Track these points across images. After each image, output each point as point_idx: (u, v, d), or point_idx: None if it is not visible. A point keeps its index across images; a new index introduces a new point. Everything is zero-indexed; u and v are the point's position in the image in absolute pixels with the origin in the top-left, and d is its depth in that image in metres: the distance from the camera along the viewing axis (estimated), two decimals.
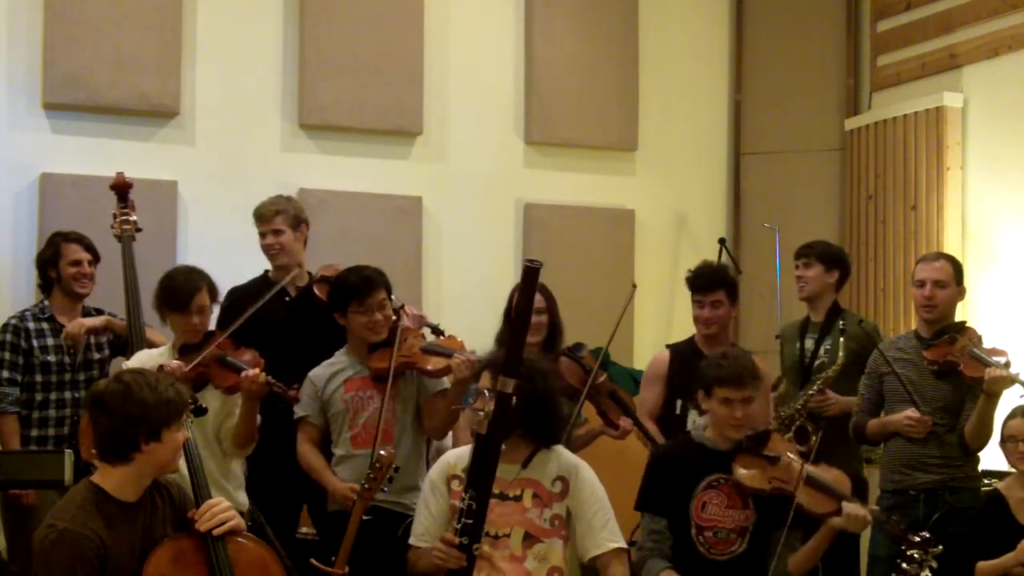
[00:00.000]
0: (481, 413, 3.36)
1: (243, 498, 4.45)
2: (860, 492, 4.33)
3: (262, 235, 5.03)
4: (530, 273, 3.29)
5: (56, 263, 4.99)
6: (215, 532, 3.25)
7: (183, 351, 4.31)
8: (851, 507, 3.81)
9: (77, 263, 4.99)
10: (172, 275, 4.43)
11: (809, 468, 3.92)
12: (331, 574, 3.88)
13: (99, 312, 5.10)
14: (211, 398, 4.32)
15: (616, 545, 3.73)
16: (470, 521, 3.35)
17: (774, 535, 3.90)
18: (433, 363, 4.43)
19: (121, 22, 5.94)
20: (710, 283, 4.99)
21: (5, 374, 4.83)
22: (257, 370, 4.16)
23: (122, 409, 3.10)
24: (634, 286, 4.88)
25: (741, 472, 3.90)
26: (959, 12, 6.45)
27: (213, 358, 4.27)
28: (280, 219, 5.00)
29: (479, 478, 3.36)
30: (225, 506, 3.32)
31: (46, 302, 5.03)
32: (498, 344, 4.83)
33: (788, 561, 3.87)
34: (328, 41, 6.35)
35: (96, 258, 5.06)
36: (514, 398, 3.29)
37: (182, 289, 4.32)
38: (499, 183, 6.74)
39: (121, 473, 3.15)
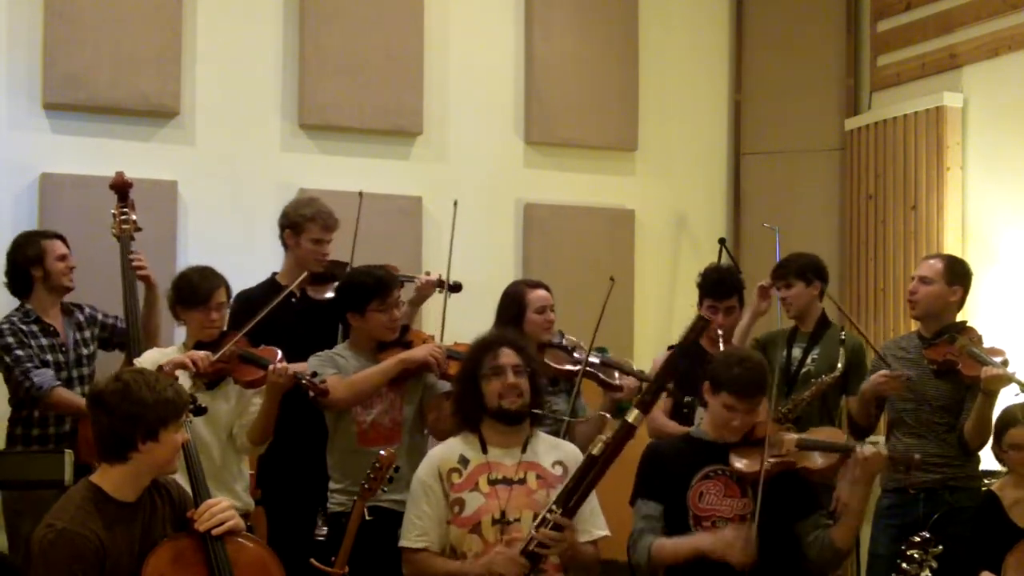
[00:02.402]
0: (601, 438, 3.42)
1: (248, 499, 4.46)
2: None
3: (317, 241, 5.04)
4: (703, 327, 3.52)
5: (42, 261, 4.95)
6: (214, 532, 3.25)
7: (197, 349, 4.33)
8: (863, 449, 3.84)
9: (64, 257, 4.97)
10: (188, 275, 4.47)
11: (800, 435, 3.99)
12: (331, 574, 3.88)
13: (78, 308, 5.08)
14: (227, 395, 4.35)
15: (601, 534, 3.83)
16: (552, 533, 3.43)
17: (800, 526, 3.92)
18: (456, 368, 4.47)
19: (121, 22, 5.94)
20: (728, 289, 5.00)
21: (29, 364, 4.78)
22: (284, 363, 4.18)
23: (120, 408, 3.11)
24: (612, 280, 4.87)
25: (740, 464, 3.92)
26: (959, 12, 6.44)
27: (234, 354, 4.28)
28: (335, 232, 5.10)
29: (573, 496, 3.43)
30: (224, 506, 3.33)
31: (28, 305, 4.95)
32: None
33: (829, 537, 3.87)
34: (328, 41, 6.35)
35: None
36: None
37: (200, 286, 4.38)
38: (499, 183, 6.74)
39: (119, 473, 3.16)
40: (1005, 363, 4.52)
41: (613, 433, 3.38)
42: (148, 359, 4.36)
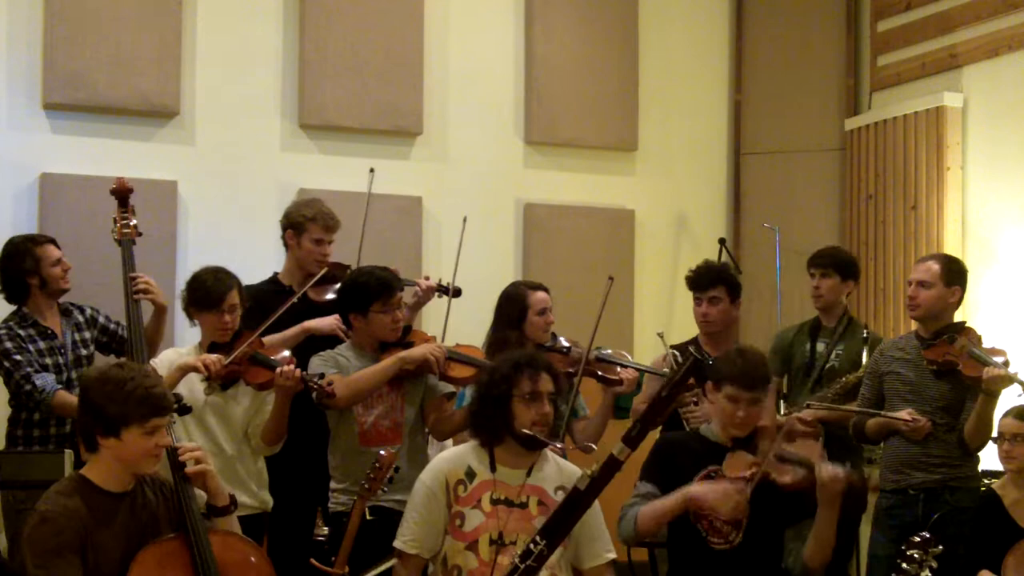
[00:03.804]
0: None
1: (266, 496, 4.47)
2: (858, 496, 4.33)
3: (318, 242, 5.07)
4: (695, 364, 3.41)
5: (38, 271, 4.90)
6: (188, 470, 3.31)
7: (211, 351, 4.35)
8: (824, 469, 3.78)
9: (59, 261, 4.94)
10: (201, 276, 4.46)
11: (781, 447, 3.96)
12: (331, 574, 3.89)
13: (78, 308, 5.06)
14: (241, 396, 4.36)
15: (611, 556, 3.78)
16: (534, 565, 3.38)
17: (788, 532, 3.92)
18: (457, 370, 4.50)
19: (121, 22, 5.95)
20: (707, 281, 5.04)
21: (30, 369, 4.75)
22: (292, 366, 4.20)
23: (88, 397, 3.16)
24: (611, 279, 4.87)
25: (726, 464, 3.93)
26: (959, 12, 6.45)
27: (245, 356, 4.30)
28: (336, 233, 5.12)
29: (558, 529, 3.41)
30: (198, 447, 3.44)
31: (25, 309, 4.91)
32: (489, 347, 4.84)
33: (803, 552, 3.86)
34: (328, 41, 6.35)
35: None
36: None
37: (213, 288, 4.37)
38: (499, 183, 6.74)
39: (99, 462, 3.20)
40: (1006, 364, 4.52)
41: (599, 467, 3.35)
42: (165, 359, 4.39)
